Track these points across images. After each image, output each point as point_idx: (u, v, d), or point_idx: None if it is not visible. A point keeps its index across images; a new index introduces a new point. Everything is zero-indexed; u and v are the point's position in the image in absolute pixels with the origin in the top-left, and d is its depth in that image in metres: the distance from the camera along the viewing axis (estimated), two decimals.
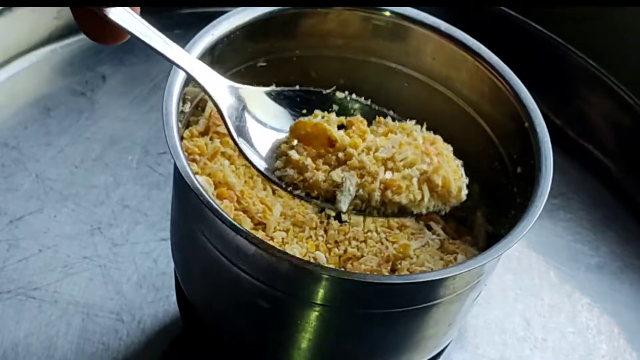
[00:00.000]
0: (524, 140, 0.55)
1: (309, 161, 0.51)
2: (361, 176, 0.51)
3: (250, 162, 0.52)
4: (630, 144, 0.81)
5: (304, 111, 0.54)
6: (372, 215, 0.51)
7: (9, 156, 0.73)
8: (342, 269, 0.54)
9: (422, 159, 0.52)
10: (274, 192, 0.57)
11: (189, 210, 0.53)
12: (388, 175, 0.51)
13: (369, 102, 0.57)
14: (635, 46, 0.81)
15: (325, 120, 0.53)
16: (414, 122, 0.55)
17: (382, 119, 0.56)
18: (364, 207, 0.51)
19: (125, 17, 0.47)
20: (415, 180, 0.51)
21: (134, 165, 0.74)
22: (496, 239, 0.50)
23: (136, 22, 0.48)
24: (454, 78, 0.59)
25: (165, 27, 0.81)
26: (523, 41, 0.85)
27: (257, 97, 0.53)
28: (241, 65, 0.59)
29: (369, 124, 0.55)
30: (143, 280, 0.67)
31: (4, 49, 0.79)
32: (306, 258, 0.54)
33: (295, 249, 0.54)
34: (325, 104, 0.55)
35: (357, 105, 0.56)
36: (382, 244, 0.55)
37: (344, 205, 0.51)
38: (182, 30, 0.83)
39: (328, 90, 0.56)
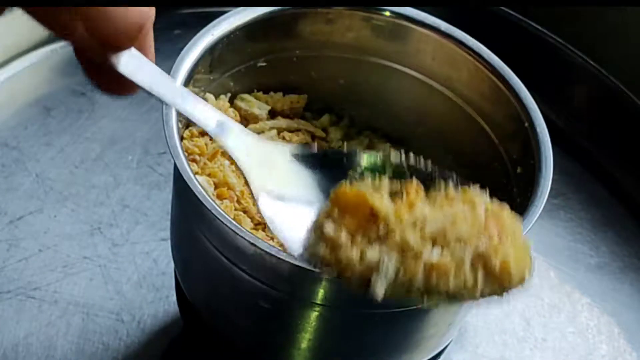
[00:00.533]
0: (524, 140, 0.55)
1: (344, 237, 0.44)
2: (403, 256, 0.44)
3: (286, 251, 0.47)
4: (630, 144, 0.81)
5: (351, 172, 0.50)
6: (416, 303, 0.45)
7: (9, 156, 0.73)
8: None
9: (478, 236, 0.44)
10: None
11: (189, 210, 0.53)
12: (435, 254, 0.43)
13: (429, 165, 0.50)
14: (635, 46, 0.81)
15: (375, 187, 0.45)
16: (477, 186, 0.46)
17: (442, 184, 0.47)
18: (404, 292, 0.44)
19: (135, 67, 0.43)
20: (467, 262, 0.44)
21: (134, 165, 0.74)
22: None
23: (146, 74, 0.44)
24: (454, 78, 0.59)
25: (165, 27, 0.83)
26: (523, 41, 0.85)
27: (286, 167, 0.49)
28: (241, 65, 0.59)
29: (427, 189, 0.46)
30: (143, 280, 0.67)
31: (4, 49, 0.78)
32: None
33: None
34: (375, 166, 0.50)
35: (413, 170, 0.49)
36: None
37: (379, 291, 0.43)
38: (182, 30, 0.83)
39: (379, 152, 0.51)
